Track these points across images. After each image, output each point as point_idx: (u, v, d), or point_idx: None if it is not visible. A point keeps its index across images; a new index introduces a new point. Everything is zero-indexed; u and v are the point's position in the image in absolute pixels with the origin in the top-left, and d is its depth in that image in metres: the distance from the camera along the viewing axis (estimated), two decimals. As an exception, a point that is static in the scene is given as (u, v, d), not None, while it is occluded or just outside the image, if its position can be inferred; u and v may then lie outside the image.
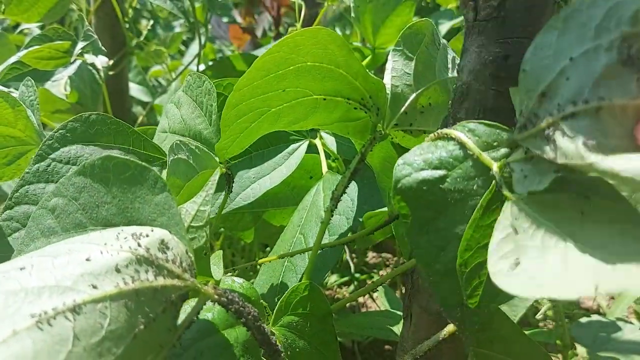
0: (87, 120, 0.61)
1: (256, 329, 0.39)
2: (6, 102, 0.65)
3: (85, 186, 0.38)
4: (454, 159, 0.39)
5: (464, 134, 0.39)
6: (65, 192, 0.39)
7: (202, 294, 0.36)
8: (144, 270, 0.32)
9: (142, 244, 0.33)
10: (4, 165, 0.69)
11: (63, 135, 0.61)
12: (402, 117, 0.56)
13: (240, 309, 0.37)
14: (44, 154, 0.60)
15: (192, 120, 0.65)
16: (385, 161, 0.64)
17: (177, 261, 0.34)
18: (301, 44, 0.50)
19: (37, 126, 0.68)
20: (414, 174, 0.39)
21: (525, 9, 0.41)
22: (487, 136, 0.39)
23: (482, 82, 0.43)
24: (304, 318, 0.51)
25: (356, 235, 0.65)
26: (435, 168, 0.39)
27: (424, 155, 0.40)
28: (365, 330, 0.80)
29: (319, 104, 0.54)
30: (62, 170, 0.60)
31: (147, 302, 0.32)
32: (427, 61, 0.57)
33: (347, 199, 0.70)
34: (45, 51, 0.91)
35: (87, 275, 0.30)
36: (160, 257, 0.34)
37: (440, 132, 0.41)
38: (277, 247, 0.71)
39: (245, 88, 0.51)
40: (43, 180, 0.59)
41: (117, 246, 0.33)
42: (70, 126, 0.61)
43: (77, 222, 0.39)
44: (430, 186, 0.39)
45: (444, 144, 0.40)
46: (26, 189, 0.59)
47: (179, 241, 0.36)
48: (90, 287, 0.30)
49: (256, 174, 0.73)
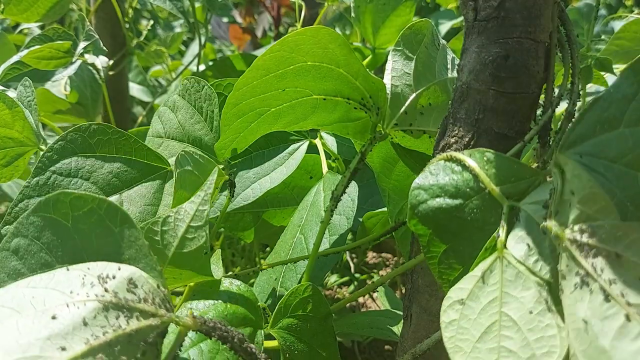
0: (87, 130, 0.60)
1: (243, 352, 0.38)
2: (3, 103, 0.65)
3: (46, 224, 0.37)
4: (471, 189, 0.38)
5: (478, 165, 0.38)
6: (26, 232, 0.37)
7: (182, 326, 0.35)
8: (114, 317, 0.31)
9: (109, 289, 0.32)
10: (2, 167, 0.69)
11: (63, 147, 0.59)
12: (402, 117, 0.56)
13: (224, 334, 0.37)
14: (44, 167, 0.58)
15: (191, 126, 0.64)
16: (385, 161, 0.64)
17: (149, 299, 0.33)
18: (301, 44, 0.50)
19: (35, 127, 0.68)
20: (430, 201, 0.39)
21: (525, 9, 0.41)
22: (505, 170, 0.38)
23: (482, 82, 0.43)
24: (304, 320, 0.51)
25: (361, 241, 0.64)
26: (452, 197, 0.38)
27: (439, 179, 0.39)
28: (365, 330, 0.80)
29: (319, 104, 0.54)
30: (63, 183, 0.58)
31: (123, 349, 0.31)
32: (427, 61, 0.57)
33: (348, 199, 0.70)
34: (46, 51, 0.90)
35: (55, 337, 0.29)
36: (130, 298, 0.32)
37: (450, 156, 0.40)
38: (277, 247, 0.71)
39: (245, 87, 0.51)
40: (44, 194, 0.57)
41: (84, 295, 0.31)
42: (70, 137, 0.59)
43: (42, 261, 0.37)
44: (448, 214, 0.38)
45: (461, 171, 0.39)
46: (26, 203, 0.57)
47: (148, 276, 0.34)
48: (59, 350, 0.29)
49: (256, 174, 0.73)
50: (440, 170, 0.39)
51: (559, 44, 0.44)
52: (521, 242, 0.34)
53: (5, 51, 1.11)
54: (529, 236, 0.34)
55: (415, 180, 0.39)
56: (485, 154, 0.38)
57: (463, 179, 0.38)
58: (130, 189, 0.60)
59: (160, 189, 0.61)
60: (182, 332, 0.35)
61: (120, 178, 0.60)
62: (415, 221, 0.39)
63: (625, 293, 0.28)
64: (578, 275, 0.30)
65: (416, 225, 0.39)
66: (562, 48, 0.45)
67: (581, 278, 0.30)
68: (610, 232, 0.29)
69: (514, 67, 0.42)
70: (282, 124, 0.56)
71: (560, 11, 0.44)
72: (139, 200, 0.60)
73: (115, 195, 0.60)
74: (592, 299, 0.29)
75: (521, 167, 0.38)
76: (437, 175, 0.39)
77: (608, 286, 0.28)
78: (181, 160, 0.53)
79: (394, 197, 0.64)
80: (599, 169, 0.33)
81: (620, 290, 0.28)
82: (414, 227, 0.39)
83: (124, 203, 0.60)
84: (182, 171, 0.53)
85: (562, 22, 0.45)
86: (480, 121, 0.44)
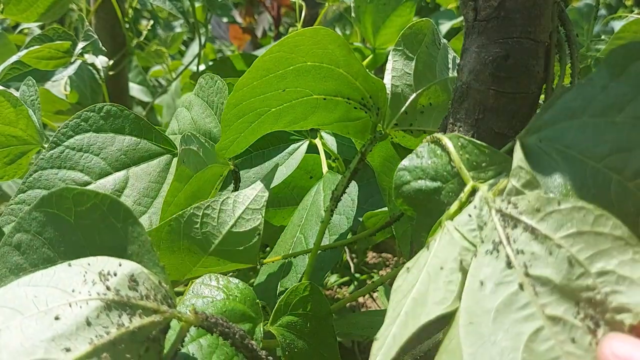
0: (100, 110, 0.64)
1: (244, 348, 0.38)
2: (8, 101, 0.65)
3: (48, 220, 0.37)
4: (448, 173, 0.40)
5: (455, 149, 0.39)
6: (28, 227, 0.37)
7: (184, 321, 0.35)
8: (117, 315, 0.31)
9: (111, 287, 0.32)
10: (5, 165, 0.69)
11: (77, 124, 0.63)
12: (402, 117, 0.56)
13: (226, 330, 0.37)
14: (58, 141, 0.62)
15: (202, 120, 0.66)
16: (386, 161, 0.64)
17: (150, 295, 0.33)
18: (301, 44, 0.50)
19: (38, 126, 0.69)
20: (413, 182, 0.40)
21: (525, 9, 0.41)
22: (477, 156, 0.39)
23: (482, 82, 0.43)
24: (304, 318, 0.51)
25: (358, 236, 0.64)
26: (432, 179, 0.40)
27: (422, 162, 0.40)
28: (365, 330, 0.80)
29: (319, 104, 0.54)
30: (75, 157, 0.62)
31: (127, 347, 0.31)
32: (427, 61, 0.57)
33: (348, 198, 0.70)
34: (46, 51, 0.90)
35: (59, 338, 0.29)
36: (132, 295, 0.33)
37: (435, 137, 0.41)
38: (278, 247, 0.71)
39: (245, 88, 0.51)
40: (56, 167, 0.61)
41: (86, 293, 0.31)
42: (84, 115, 0.63)
43: (44, 257, 0.37)
44: (427, 195, 0.40)
45: (442, 154, 0.40)
46: (39, 174, 0.61)
47: (149, 273, 0.35)
48: (63, 351, 0.29)
49: (256, 173, 0.73)
50: (425, 152, 0.41)
51: (559, 44, 0.45)
52: (465, 214, 0.35)
53: (6, 51, 1.11)
54: (475, 210, 0.35)
55: (402, 161, 0.41)
56: (460, 139, 0.40)
57: (442, 163, 0.40)
58: (137, 166, 0.64)
59: (166, 168, 0.65)
60: (184, 328, 0.36)
61: (129, 155, 0.64)
62: (401, 201, 0.41)
63: (529, 265, 0.29)
64: (493, 242, 0.31)
65: (402, 205, 0.41)
66: (562, 48, 0.45)
67: (494, 245, 0.31)
68: (531, 204, 0.30)
69: (514, 67, 0.42)
70: (282, 124, 0.56)
71: (560, 11, 0.44)
72: (145, 177, 0.63)
73: (122, 170, 0.63)
74: (496, 264, 0.30)
75: (493, 154, 0.39)
76: (422, 157, 0.41)
77: (514, 255, 0.30)
78: (187, 139, 0.55)
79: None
80: (552, 153, 0.34)
81: (524, 261, 0.29)
82: (401, 206, 0.41)
83: (129, 178, 0.63)
84: (186, 149, 0.54)
85: (562, 22, 0.45)
86: (480, 121, 0.44)
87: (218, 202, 0.50)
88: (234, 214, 0.50)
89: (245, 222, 0.50)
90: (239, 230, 0.50)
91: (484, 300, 0.29)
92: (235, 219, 0.50)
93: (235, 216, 0.50)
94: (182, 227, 0.50)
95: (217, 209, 0.50)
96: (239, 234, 0.50)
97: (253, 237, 0.50)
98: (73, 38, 0.95)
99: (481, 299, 0.29)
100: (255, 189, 0.51)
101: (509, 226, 0.31)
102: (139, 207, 0.62)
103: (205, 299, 0.46)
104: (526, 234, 0.30)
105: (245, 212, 0.50)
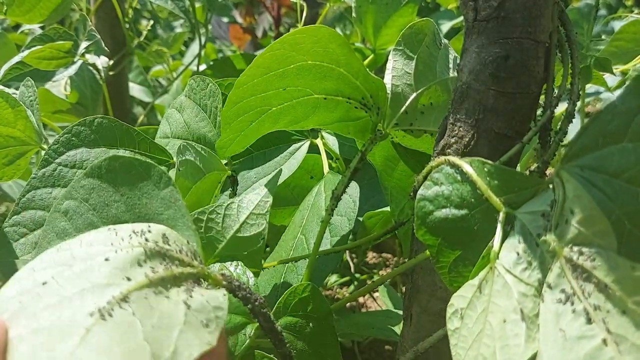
0: (91, 124, 0.62)
1: (262, 316, 0.39)
2: (6, 102, 0.65)
3: (94, 187, 0.40)
4: (476, 199, 0.38)
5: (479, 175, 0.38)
6: (76, 195, 0.40)
7: (212, 279, 0.36)
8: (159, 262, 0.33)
9: (149, 239, 0.34)
10: (3, 166, 0.69)
11: (68, 140, 0.61)
12: (402, 116, 0.56)
13: (247, 296, 0.38)
14: (50, 159, 0.60)
15: (195, 124, 0.65)
16: (388, 160, 0.64)
17: (183, 251, 0.35)
18: (302, 42, 0.50)
19: (37, 126, 0.68)
20: (436, 212, 0.39)
21: (525, 9, 0.41)
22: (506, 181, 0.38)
23: (482, 82, 0.43)
24: (304, 319, 0.51)
25: (362, 241, 0.64)
26: (458, 207, 0.39)
27: (443, 190, 0.39)
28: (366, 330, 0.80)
29: (320, 104, 0.54)
30: (68, 174, 0.60)
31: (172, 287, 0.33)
32: (428, 61, 0.57)
33: (349, 199, 0.70)
34: (47, 51, 0.90)
35: (114, 270, 0.31)
36: (168, 248, 0.35)
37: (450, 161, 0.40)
38: (279, 247, 0.71)
39: (246, 85, 0.51)
40: (49, 185, 0.59)
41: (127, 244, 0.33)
42: (75, 130, 0.61)
43: (88, 222, 0.40)
44: (454, 224, 0.39)
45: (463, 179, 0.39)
46: (33, 194, 0.59)
47: (177, 234, 0.37)
48: (125, 279, 0.31)
49: (257, 173, 0.73)
50: (443, 178, 0.40)
51: (559, 44, 0.45)
52: (512, 251, 0.35)
53: (7, 51, 1.11)
54: (520, 245, 0.35)
55: (420, 190, 0.40)
56: (485, 165, 0.38)
57: (466, 189, 0.39)
58: None
59: None
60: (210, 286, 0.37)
61: None
62: (423, 231, 0.40)
63: (607, 321, 0.29)
64: (563, 292, 0.31)
65: (424, 236, 0.40)
66: (562, 48, 0.45)
67: (566, 295, 0.31)
68: (605, 261, 0.30)
69: (514, 67, 0.42)
70: (283, 124, 0.56)
71: (560, 11, 0.44)
72: None
73: None
74: (574, 317, 0.30)
75: (523, 178, 0.38)
76: (441, 184, 0.39)
77: (592, 310, 0.30)
78: (183, 149, 0.55)
79: (397, 196, 0.64)
80: (598, 183, 0.33)
81: (603, 317, 0.29)
82: (423, 238, 0.40)
83: None
84: (183, 160, 0.54)
85: (562, 22, 0.45)
86: (480, 121, 0.44)
87: (222, 207, 0.51)
88: (239, 219, 0.51)
89: (250, 227, 0.51)
90: (243, 235, 0.51)
91: (565, 351, 0.30)
92: (239, 224, 0.51)
93: (239, 221, 0.51)
94: None
95: (221, 213, 0.51)
96: (243, 239, 0.51)
97: (257, 242, 0.51)
98: (74, 38, 0.95)
99: (563, 348, 0.30)
100: (259, 194, 0.52)
101: (580, 278, 0.31)
102: None
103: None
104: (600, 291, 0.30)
105: (250, 217, 0.51)
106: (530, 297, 0.33)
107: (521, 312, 0.33)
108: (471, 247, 0.39)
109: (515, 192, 0.38)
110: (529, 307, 0.33)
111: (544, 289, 0.32)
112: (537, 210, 0.36)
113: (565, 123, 0.44)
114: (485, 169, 0.38)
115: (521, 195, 0.38)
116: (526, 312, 0.33)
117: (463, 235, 0.39)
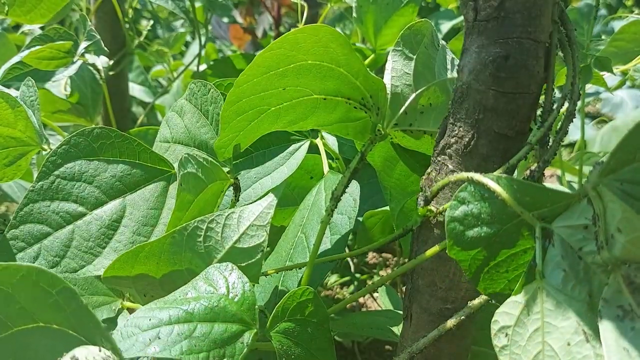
0: (90, 134, 0.60)
1: None
2: (6, 102, 0.65)
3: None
4: (506, 215, 0.39)
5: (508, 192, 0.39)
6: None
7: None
8: None
9: None
10: (4, 166, 0.69)
11: (66, 151, 0.59)
12: (402, 117, 0.56)
13: None
14: (48, 171, 0.58)
15: (196, 130, 0.64)
16: (387, 160, 0.64)
17: None
18: (302, 42, 0.49)
19: (38, 127, 0.68)
20: (468, 232, 0.40)
21: (525, 9, 0.41)
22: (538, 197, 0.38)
23: (482, 82, 0.43)
24: (301, 324, 0.50)
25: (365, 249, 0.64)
26: (489, 225, 0.39)
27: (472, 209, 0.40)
28: (366, 330, 0.80)
29: (319, 104, 0.54)
30: (67, 187, 0.58)
31: None
32: (426, 61, 0.57)
33: (350, 198, 0.70)
34: (47, 51, 0.90)
35: None
36: None
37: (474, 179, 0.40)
38: (279, 246, 0.71)
39: (245, 84, 0.51)
40: (48, 198, 0.58)
41: None
42: (73, 141, 0.59)
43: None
44: (487, 240, 0.40)
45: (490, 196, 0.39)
46: (31, 208, 0.57)
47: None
48: None
49: (257, 173, 0.73)
50: (470, 197, 0.40)
51: (559, 44, 0.45)
52: (558, 268, 0.36)
53: (6, 51, 1.11)
54: (564, 261, 0.36)
55: (447, 212, 0.40)
56: (514, 183, 0.39)
57: (496, 207, 0.39)
58: (133, 193, 0.60)
59: (164, 192, 0.61)
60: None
61: (124, 181, 0.60)
62: (456, 250, 0.40)
63: None
64: (621, 308, 0.32)
65: (457, 254, 0.40)
66: (562, 48, 0.45)
67: (625, 311, 0.32)
68: None
69: (514, 67, 0.42)
70: (282, 124, 0.56)
71: (560, 11, 0.44)
72: (143, 204, 0.60)
73: (118, 199, 0.59)
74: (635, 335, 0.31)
75: (554, 193, 0.38)
76: (468, 204, 0.40)
77: None
78: (184, 162, 0.54)
79: (396, 195, 0.64)
80: (638, 195, 0.34)
81: None
82: (455, 255, 0.40)
83: (127, 207, 0.60)
84: (185, 173, 0.53)
85: (562, 22, 0.45)
86: (480, 121, 0.44)
87: (223, 217, 0.50)
88: (239, 230, 0.50)
89: (250, 239, 0.50)
90: (242, 246, 0.50)
91: None
92: (239, 235, 0.50)
93: (239, 232, 0.50)
94: (185, 240, 0.49)
95: (221, 223, 0.50)
96: (242, 250, 0.50)
97: (256, 254, 0.50)
98: (74, 38, 0.95)
99: None
100: (261, 205, 0.50)
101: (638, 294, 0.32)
102: (139, 238, 0.59)
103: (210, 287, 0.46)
104: None
105: (250, 228, 0.50)
106: (586, 314, 0.34)
107: (584, 333, 0.34)
108: (501, 255, 0.40)
109: (547, 207, 0.38)
110: (588, 326, 0.34)
111: (601, 304, 0.34)
112: (577, 225, 0.37)
113: (565, 123, 0.44)
114: (515, 186, 0.38)
115: (553, 210, 0.38)
116: (588, 332, 0.34)
117: (495, 249, 0.40)
